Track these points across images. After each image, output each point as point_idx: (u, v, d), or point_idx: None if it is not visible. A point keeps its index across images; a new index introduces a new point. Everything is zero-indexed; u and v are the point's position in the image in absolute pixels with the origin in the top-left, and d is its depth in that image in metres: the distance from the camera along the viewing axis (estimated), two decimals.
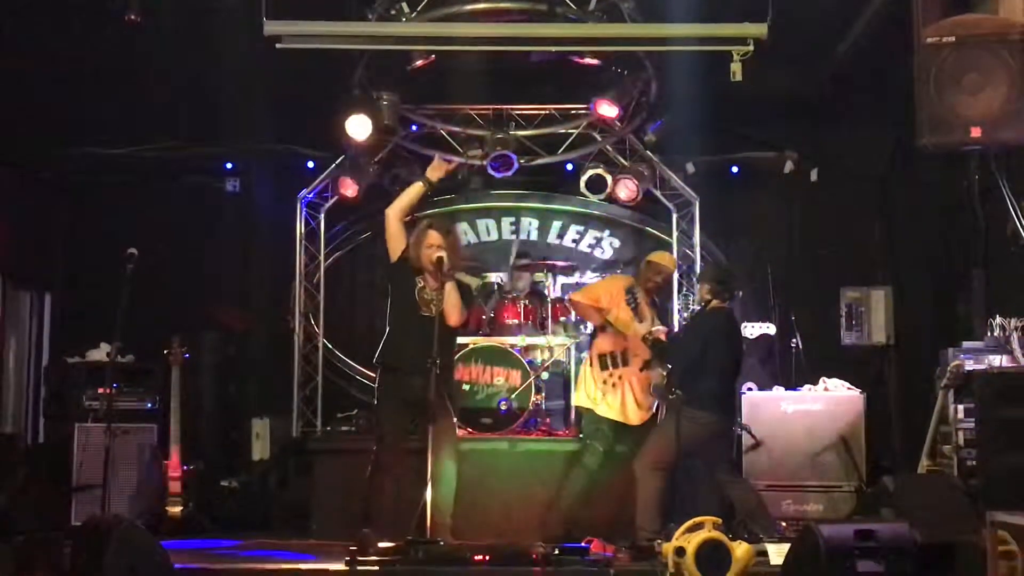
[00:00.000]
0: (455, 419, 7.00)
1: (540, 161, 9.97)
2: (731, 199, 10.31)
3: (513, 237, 10.51)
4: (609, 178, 9.68)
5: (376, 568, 6.18)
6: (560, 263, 9.56)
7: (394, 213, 6.99)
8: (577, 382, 8.20)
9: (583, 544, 6.59)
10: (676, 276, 9.52)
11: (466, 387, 8.42)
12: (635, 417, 7.85)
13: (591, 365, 7.92)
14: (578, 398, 8.08)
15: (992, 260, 8.47)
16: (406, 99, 9.28)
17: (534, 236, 10.66)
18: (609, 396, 7.81)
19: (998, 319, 7.11)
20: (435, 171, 7.16)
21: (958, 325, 8.76)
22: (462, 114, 9.87)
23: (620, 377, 7.85)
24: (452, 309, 6.80)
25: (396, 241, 6.96)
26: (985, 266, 8.57)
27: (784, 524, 7.52)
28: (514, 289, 9.32)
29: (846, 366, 9.01)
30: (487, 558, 6.11)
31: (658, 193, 10.00)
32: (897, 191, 9.93)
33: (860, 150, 10.03)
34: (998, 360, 6.91)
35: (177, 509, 7.99)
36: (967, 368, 6.74)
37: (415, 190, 7.08)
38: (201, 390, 9.44)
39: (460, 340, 7.89)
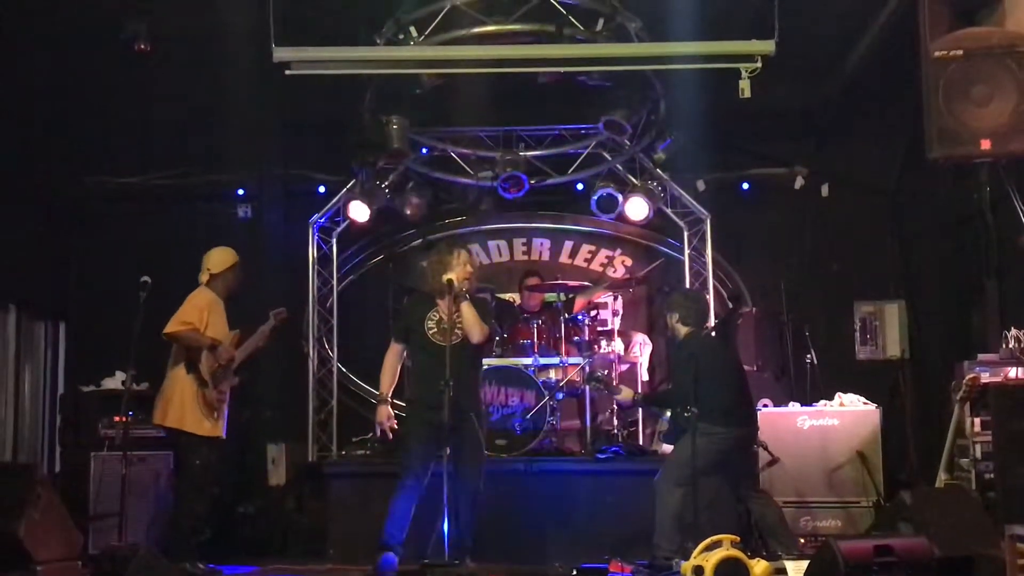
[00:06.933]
0: (483, 441, 6.90)
1: (550, 181, 9.96)
2: (742, 216, 10.31)
3: (524, 258, 10.54)
4: (620, 197, 9.66)
5: None
6: (572, 283, 9.56)
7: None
8: None
9: (602, 564, 6.59)
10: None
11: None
12: None
13: None
14: None
15: (1005, 271, 8.46)
16: (415, 122, 9.30)
17: (546, 256, 10.67)
18: None
19: (1012, 331, 7.09)
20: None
21: (972, 337, 8.76)
22: (471, 136, 9.89)
23: None
24: (472, 327, 6.80)
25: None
26: (998, 277, 8.57)
27: (802, 540, 7.48)
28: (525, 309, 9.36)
29: (861, 380, 8.98)
30: None
31: (669, 211, 10.00)
32: (908, 204, 9.93)
33: (870, 164, 10.05)
34: (1014, 372, 6.89)
35: None
36: (983, 380, 6.71)
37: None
38: None
39: None
